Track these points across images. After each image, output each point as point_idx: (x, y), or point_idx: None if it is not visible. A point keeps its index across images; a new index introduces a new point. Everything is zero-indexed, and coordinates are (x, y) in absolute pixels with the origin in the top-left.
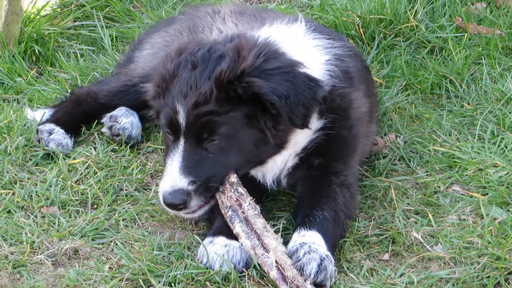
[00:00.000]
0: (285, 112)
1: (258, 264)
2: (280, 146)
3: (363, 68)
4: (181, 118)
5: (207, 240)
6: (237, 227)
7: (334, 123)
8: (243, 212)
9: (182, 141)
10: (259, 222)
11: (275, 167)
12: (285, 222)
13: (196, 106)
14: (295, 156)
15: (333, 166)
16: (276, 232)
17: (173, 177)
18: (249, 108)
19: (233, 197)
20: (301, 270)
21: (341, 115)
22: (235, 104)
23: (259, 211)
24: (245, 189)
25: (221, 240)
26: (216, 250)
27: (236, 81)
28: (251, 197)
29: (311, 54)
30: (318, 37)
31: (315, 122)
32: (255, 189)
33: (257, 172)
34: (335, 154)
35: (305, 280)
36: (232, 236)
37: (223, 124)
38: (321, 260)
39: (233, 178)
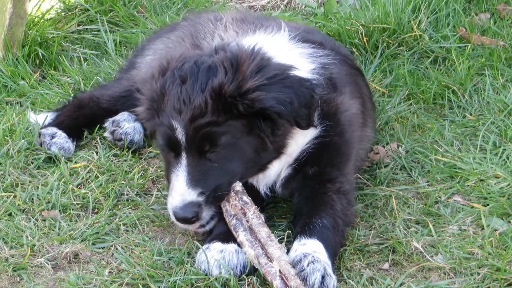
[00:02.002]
0: (292, 118)
1: (262, 274)
2: (279, 150)
3: (349, 72)
4: (180, 134)
5: (204, 247)
6: (241, 236)
7: (325, 130)
8: (247, 221)
9: (184, 156)
10: (263, 231)
11: (269, 175)
12: (289, 232)
13: (193, 120)
14: (288, 167)
15: (327, 173)
16: (280, 241)
17: (181, 191)
18: (247, 119)
19: (238, 206)
20: (304, 280)
21: (330, 122)
22: (232, 114)
23: (264, 220)
24: (249, 197)
25: (217, 245)
26: (212, 256)
27: (239, 97)
28: (256, 206)
29: (296, 63)
30: (302, 46)
31: (308, 131)
32: (255, 197)
33: (252, 180)
34: (328, 161)
35: None
36: (228, 241)
37: (223, 133)
38: (325, 271)
39: (238, 186)
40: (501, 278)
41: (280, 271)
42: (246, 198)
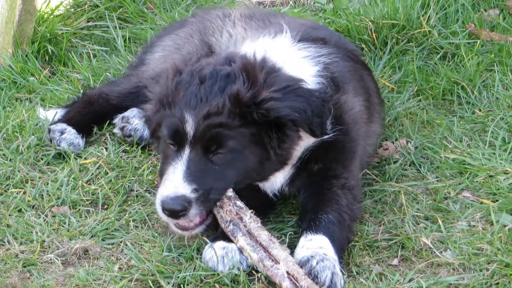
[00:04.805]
0: (306, 125)
1: (266, 276)
2: (283, 162)
3: (353, 67)
4: (189, 127)
5: (207, 246)
6: (241, 241)
7: (330, 130)
8: (244, 226)
9: (187, 151)
10: (264, 234)
11: (278, 182)
12: (291, 233)
13: (208, 117)
14: (292, 167)
15: (332, 169)
16: (280, 243)
17: (176, 183)
18: (257, 128)
19: (233, 211)
20: (315, 278)
21: (335, 122)
22: (245, 121)
23: (260, 223)
24: (243, 202)
25: (220, 244)
26: (215, 253)
27: (254, 106)
28: (251, 210)
29: (300, 68)
30: (304, 47)
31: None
32: (264, 199)
33: (263, 185)
34: (333, 158)
35: None
36: (231, 240)
37: (231, 138)
38: (334, 268)
39: (230, 192)
40: (510, 274)
41: (287, 272)
42: (239, 203)
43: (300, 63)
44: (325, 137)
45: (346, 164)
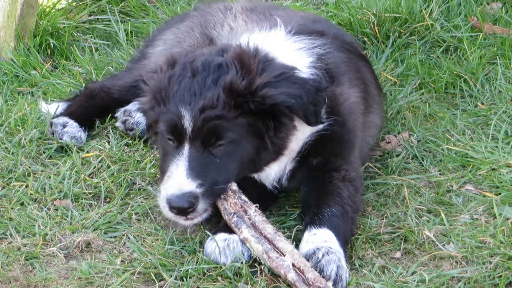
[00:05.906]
0: (302, 112)
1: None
2: (279, 152)
3: (349, 59)
4: (187, 123)
5: (208, 239)
6: (245, 232)
7: (325, 119)
8: (249, 218)
9: (187, 146)
10: (269, 227)
11: (273, 173)
12: (299, 226)
13: (203, 110)
14: (292, 161)
15: (332, 162)
16: (286, 238)
17: (180, 180)
18: (254, 118)
19: (238, 203)
20: (321, 272)
21: (330, 113)
22: (242, 111)
23: (265, 217)
24: (246, 197)
25: (221, 235)
26: (216, 245)
27: (249, 95)
28: (256, 204)
29: (294, 58)
30: (300, 39)
31: (309, 127)
32: (264, 192)
33: (256, 177)
34: (332, 151)
35: (326, 281)
36: (232, 232)
37: (230, 129)
38: (339, 261)
39: (234, 186)
40: None
41: (293, 264)
42: (244, 197)
43: (294, 54)
44: (321, 126)
45: (345, 156)
